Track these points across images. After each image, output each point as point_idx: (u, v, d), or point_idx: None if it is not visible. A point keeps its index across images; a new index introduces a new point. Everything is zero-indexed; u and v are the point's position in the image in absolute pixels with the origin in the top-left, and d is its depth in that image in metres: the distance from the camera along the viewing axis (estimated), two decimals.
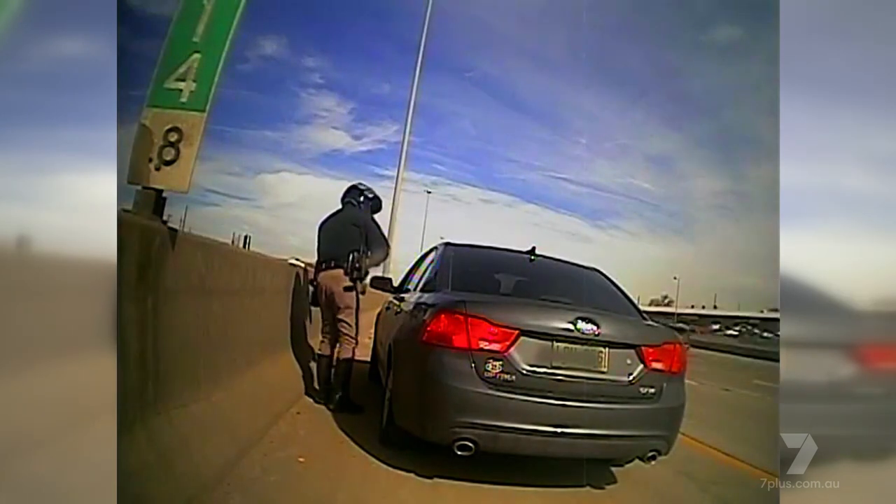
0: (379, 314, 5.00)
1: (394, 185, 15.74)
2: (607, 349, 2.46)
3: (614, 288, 3.27)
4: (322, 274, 3.64)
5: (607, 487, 2.72)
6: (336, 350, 3.78)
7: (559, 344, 2.39)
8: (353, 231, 3.63)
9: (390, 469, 2.53)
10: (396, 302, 3.70)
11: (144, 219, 1.81)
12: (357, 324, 3.75)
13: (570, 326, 2.40)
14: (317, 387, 3.82)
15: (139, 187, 1.91)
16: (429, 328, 2.43)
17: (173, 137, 1.93)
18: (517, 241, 3.40)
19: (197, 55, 2.00)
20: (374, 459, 2.64)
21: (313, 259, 3.84)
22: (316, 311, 4.07)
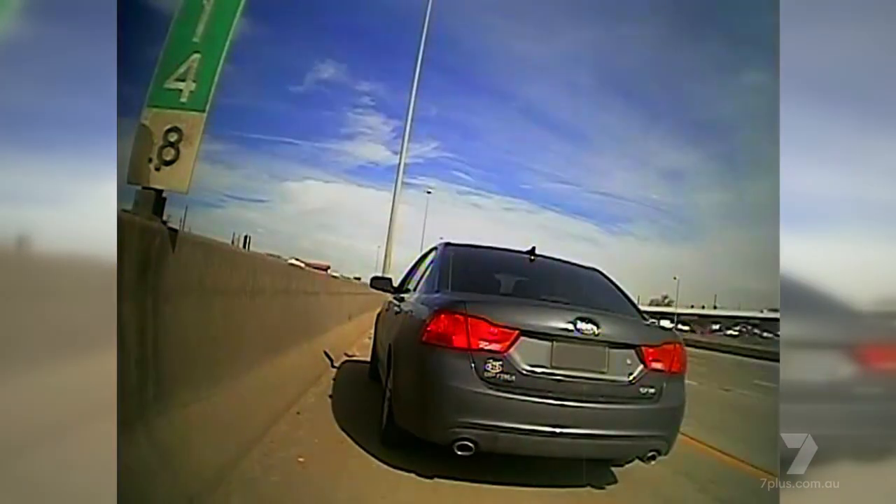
0: (379, 314, 5.00)
1: (392, 192, 15.81)
2: (607, 349, 2.46)
3: (614, 288, 3.27)
4: None
5: (607, 487, 2.72)
6: None
7: (559, 344, 2.39)
8: None
9: (390, 469, 2.53)
10: (396, 302, 3.70)
11: (144, 219, 1.81)
12: None
13: (570, 326, 2.40)
14: None
15: (139, 187, 1.91)
16: (429, 328, 2.43)
17: (173, 137, 1.93)
18: (526, 244, 3.39)
19: (197, 55, 2.00)
20: (374, 459, 2.64)
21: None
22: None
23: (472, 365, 2.31)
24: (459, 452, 2.30)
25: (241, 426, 2.42)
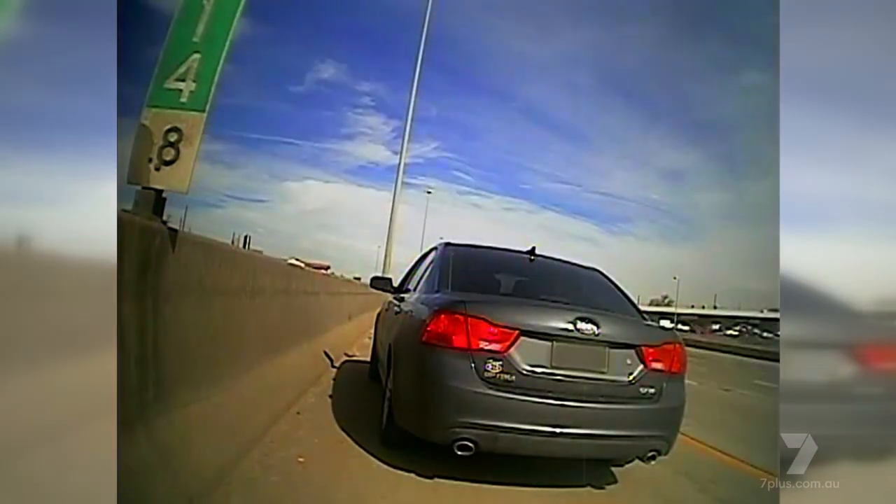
0: (379, 314, 5.00)
1: (392, 192, 15.84)
2: (607, 349, 2.45)
3: (614, 288, 3.27)
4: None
5: (607, 487, 2.72)
6: None
7: (559, 344, 2.39)
8: None
9: (390, 469, 2.53)
10: (396, 302, 3.70)
11: (144, 219, 1.81)
12: None
13: (570, 326, 2.40)
14: None
15: (139, 187, 1.91)
16: (429, 328, 2.43)
17: (173, 137, 1.93)
18: (526, 244, 3.38)
19: (197, 55, 2.00)
20: (374, 459, 2.64)
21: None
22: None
23: (472, 365, 2.31)
24: (459, 452, 2.30)
25: (241, 426, 2.42)
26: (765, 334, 50.95)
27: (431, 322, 2.44)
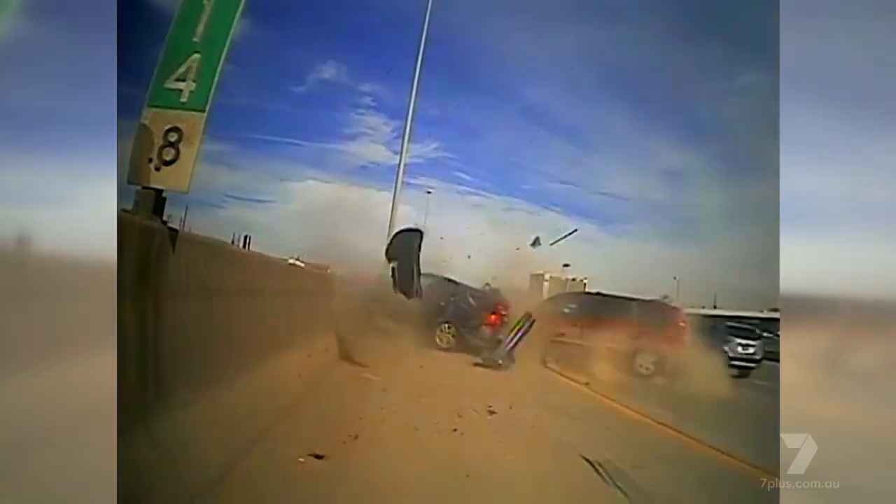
0: None
1: (392, 192, 15.83)
2: None
3: None
4: None
5: (607, 487, 2.71)
6: None
7: None
8: None
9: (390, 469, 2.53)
10: None
11: (144, 219, 1.81)
12: None
13: None
14: None
15: (139, 187, 1.91)
16: None
17: (173, 137, 1.93)
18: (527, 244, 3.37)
19: (197, 55, 2.00)
20: (373, 459, 2.63)
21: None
22: None
23: None
24: None
25: (241, 426, 2.41)
26: (765, 334, 50.89)
27: None
